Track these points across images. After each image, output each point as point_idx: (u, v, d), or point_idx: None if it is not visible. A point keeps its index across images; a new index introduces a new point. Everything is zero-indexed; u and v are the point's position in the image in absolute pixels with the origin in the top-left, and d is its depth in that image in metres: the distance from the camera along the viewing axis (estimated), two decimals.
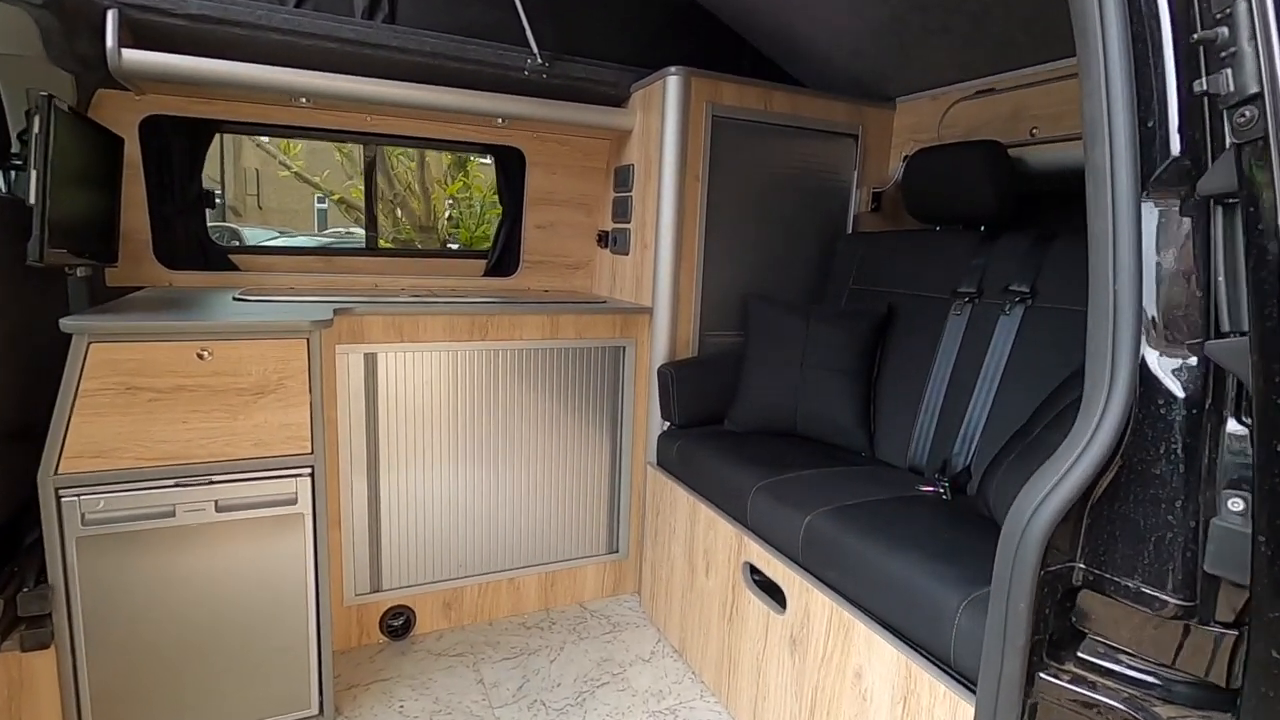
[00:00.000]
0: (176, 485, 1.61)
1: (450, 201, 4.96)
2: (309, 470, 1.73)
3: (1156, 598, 0.82)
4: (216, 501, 1.66)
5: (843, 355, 2.13)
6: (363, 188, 5.79)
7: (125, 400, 1.54)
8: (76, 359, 1.49)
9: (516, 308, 2.20)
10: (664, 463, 2.33)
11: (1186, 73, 0.77)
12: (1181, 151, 0.79)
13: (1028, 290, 1.82)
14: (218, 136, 2.47)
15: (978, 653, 1.21)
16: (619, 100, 2.56)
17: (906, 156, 2.54)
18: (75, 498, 1.53)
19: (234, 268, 2.46)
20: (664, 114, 2.28)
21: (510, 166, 2.72)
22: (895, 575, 1.38)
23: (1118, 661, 0.87)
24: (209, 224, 2.44)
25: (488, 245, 5.79)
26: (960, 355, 1.96)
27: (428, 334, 2.11)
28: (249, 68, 2.01)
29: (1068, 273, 1.76)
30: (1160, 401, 0.81)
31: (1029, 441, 1.44)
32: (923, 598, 1.32)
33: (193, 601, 1.66)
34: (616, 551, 2.53)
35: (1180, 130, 0.79)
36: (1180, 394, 0.80)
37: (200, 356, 1.58)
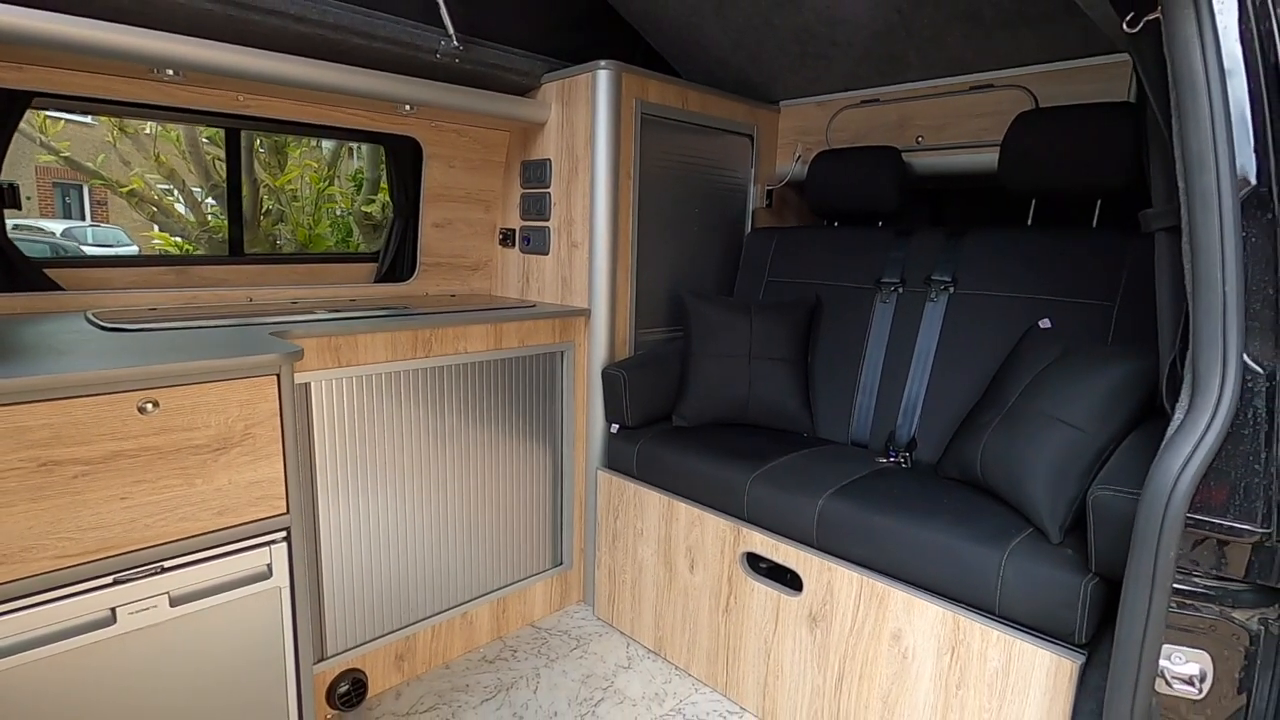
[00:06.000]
0: (116, 583, 1.23)
1: (266, 193, 4.18)
2: (284, 534, 1.42)
3: (1245, 529, 1.04)
4: (170, 595, 1.29)
5: (785, 345, 2.28)
6: (150, 176, 4.65)
7: (39, 481, 1.13)
8: None
9: (459, 318, 1.99)
10: (618, 465, 2.29)
11: (1266, 117, 0.99)
12: (1259, 181, 1.01)
13: (950, 279, 2.11)
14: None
15: (1026, 597, 1.41)
16: (526, 89, 2.42)
17: (799, 157, 2.76)
18: None
19: (54, 286, 1.88)
20: (594, 109, 2.21)
21: (403, 159, 2.42)
22: (931, 542, 1.55)
23: (1210, 583, 1.09)
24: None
25: (328, 245, 5.09)
26: (891, 339, 2.21)
27: (368, 355, 1.83)
28: (95, 28, 1.55)
29: (982, 263, 2.07)
30: (1248, 378, 1.03)
31: (1006, 411, 1.69)
32: (965, 557, 1.49)
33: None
34: (562, 563, 2.44)
35: (1259, 165, 1.00)
36: (1261, 371, 1.03)
37: (142, 410, 1.21)
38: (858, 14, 2.16)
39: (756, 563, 1.94)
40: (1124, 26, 1.16)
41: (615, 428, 2.33)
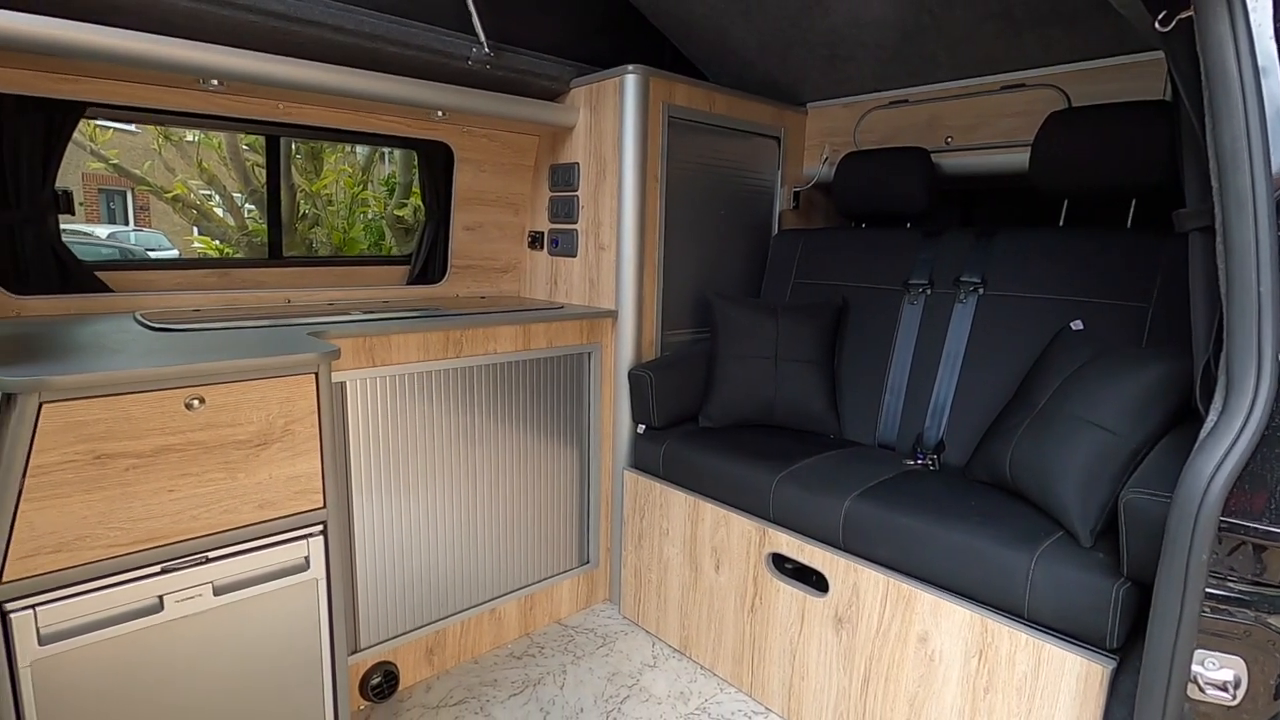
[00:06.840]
0: (164, 572, 1.28)
1: (302, 198, 4.32)
2: (321, 527, 1.47)
3: None
4: (213, 584, 1.34)
5: (811, 346, 2.28)
6: (193, 182, 4.83)
7: (94, 473, 1.19)
8: (23, 427, 1.12)
9: (489, 319, 2.03)
10: (644, 465, 2.31)
11: None
12: None
13: (979, 281, 2.09)
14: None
15: (1056, 601, 1.40)
16: (555, 94, 2.46)
17: (827, 159, 2.76)
18: (29, 610, 1.15)
19: (104, 288, 1.96)
20: (622, 114, 2.24)
21: (435, 164, 2.48)
22: (959, 544, 1.54)
23: (1245, 588, 1.08)
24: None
25: (362, 248, 5.21)
26: (919, 341, 2.19)
27: (401, 355, 1.88)
28: (148, 40, 1.61)
29: (1013, 264, 2.05)
30: None
31: (1037, 413, 1.67)
32: (993, 560, 1.48)
33: (181, 707, 1.33)
34: (588, 562, 2.47)
35: None
36: None
37: (190, 406, 1.27)
38: (887, 15, 2.16)
39: (782, 563, 1.95)
40: (1156, 25, 1.15)
41: (642, 428, 2.35)
